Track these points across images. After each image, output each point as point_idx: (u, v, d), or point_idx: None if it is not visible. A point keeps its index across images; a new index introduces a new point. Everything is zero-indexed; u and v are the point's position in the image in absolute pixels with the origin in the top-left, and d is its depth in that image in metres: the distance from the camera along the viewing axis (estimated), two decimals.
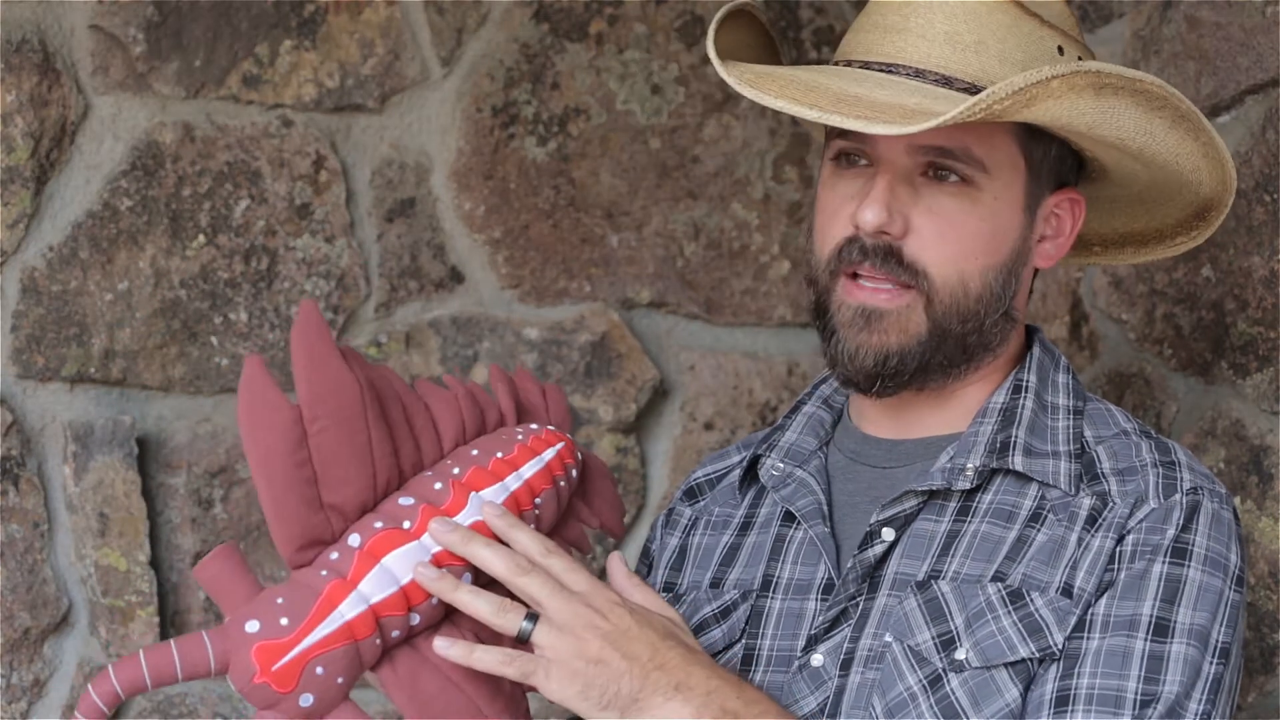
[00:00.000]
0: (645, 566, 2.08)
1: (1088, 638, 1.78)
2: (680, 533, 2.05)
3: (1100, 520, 1.82)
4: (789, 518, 1.94)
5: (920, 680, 1.79)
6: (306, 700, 1.69)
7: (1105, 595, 1.79)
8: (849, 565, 1.86)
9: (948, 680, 1.79)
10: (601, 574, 1.83)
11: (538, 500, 1.85)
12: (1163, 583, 1.79)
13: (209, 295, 2.51)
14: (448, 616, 1.78)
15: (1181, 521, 1.81)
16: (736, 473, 2.03)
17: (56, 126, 2.46)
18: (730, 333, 2.66)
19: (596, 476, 2.01)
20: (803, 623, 1.87)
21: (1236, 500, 2.17)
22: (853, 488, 1.93)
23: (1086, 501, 1.84)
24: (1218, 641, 1.79)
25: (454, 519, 1.76)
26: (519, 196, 2.60)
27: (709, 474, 2.08)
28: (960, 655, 1.79)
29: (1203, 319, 2.26)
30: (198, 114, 2.51)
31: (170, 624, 2.50)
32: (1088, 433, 1.90)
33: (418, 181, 2.59)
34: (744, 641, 1.90)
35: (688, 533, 2.04)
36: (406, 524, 1.74)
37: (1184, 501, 1.82)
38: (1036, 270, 1.95)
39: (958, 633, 1.80)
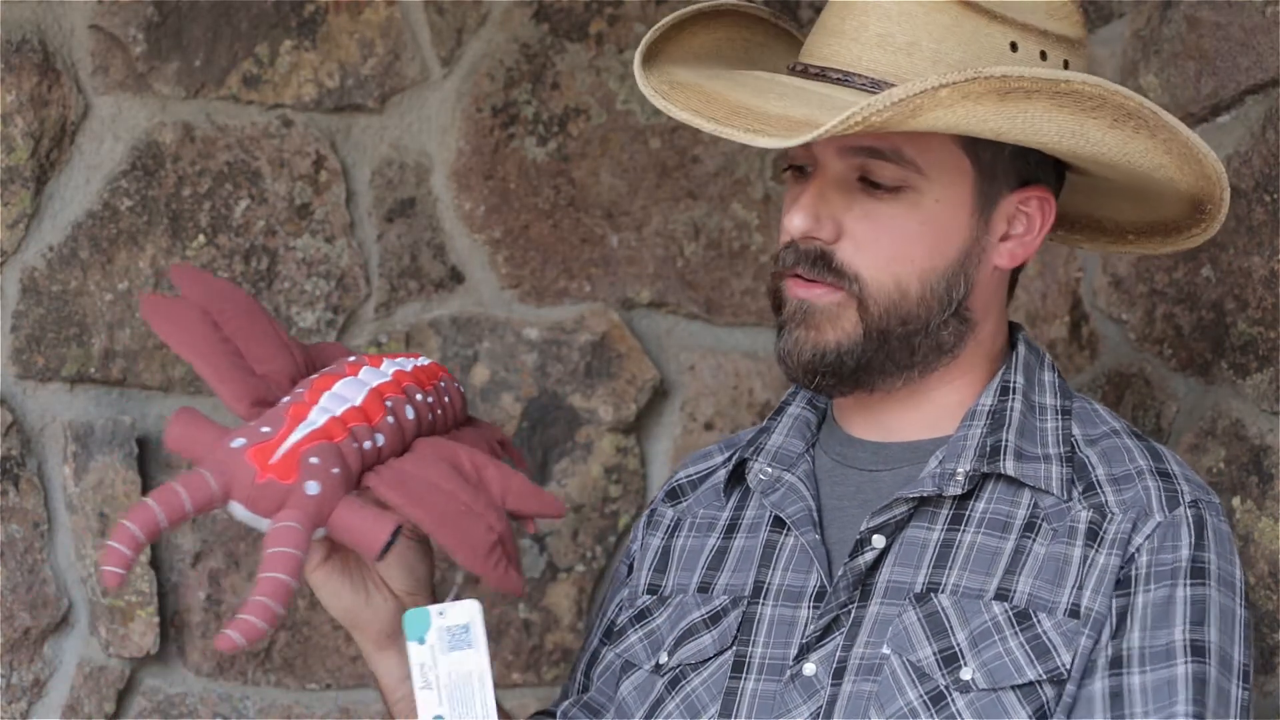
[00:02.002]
0: (626, 567, 2.07)
1: (1128, 673, 1.78)
2: (663, 534, 2.04)
3: (1101, 534, 1.82)
4: (778, 523, 1.93)
5: (921, 696, 1.79)
6: (313, 488, 1.76)
7: (1135, 627, 1.79)
8: (840, 573, 1.85)
9: (952, 700, 1.78)
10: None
11: (440, 384, 1.96)
12: (1189, 606, 1.79)
13: None
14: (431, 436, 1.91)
15: (1194, 540, 1.80)
16: (721, 474, 2.02)
17: (56, 126, 2.46)
18: (730, 333, 2.66)
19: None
20: (795, 631, 1.86)
21: (1235, 500, 2.17)
22: (841, 491, 1.92)
23: (1084, 514, 1.83)
24: (1240, 665, 1.79)
25: (378, 368, 1.90)
26: (519, 196, 2.60)
27: (691, 475, 2.07)
28: (966, 675, 1.78)
29: (1203, 319, 2.26)
30: (198, 114, 2.52)
31: (170, 624, 2.50)
32: (1076, 432, 1.89)
33: (418, 181, 2.59)
34: (735, 649, 1.89)
35: (670, 534, 2.03)
36: (339, 371, 1.89)
37: (1189, 516, 1.82)
38: (1019, 269, 1.94)
39: (960, 650, 1.79)
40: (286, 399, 1.85)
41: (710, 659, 1.90)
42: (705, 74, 1.90)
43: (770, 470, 1.95)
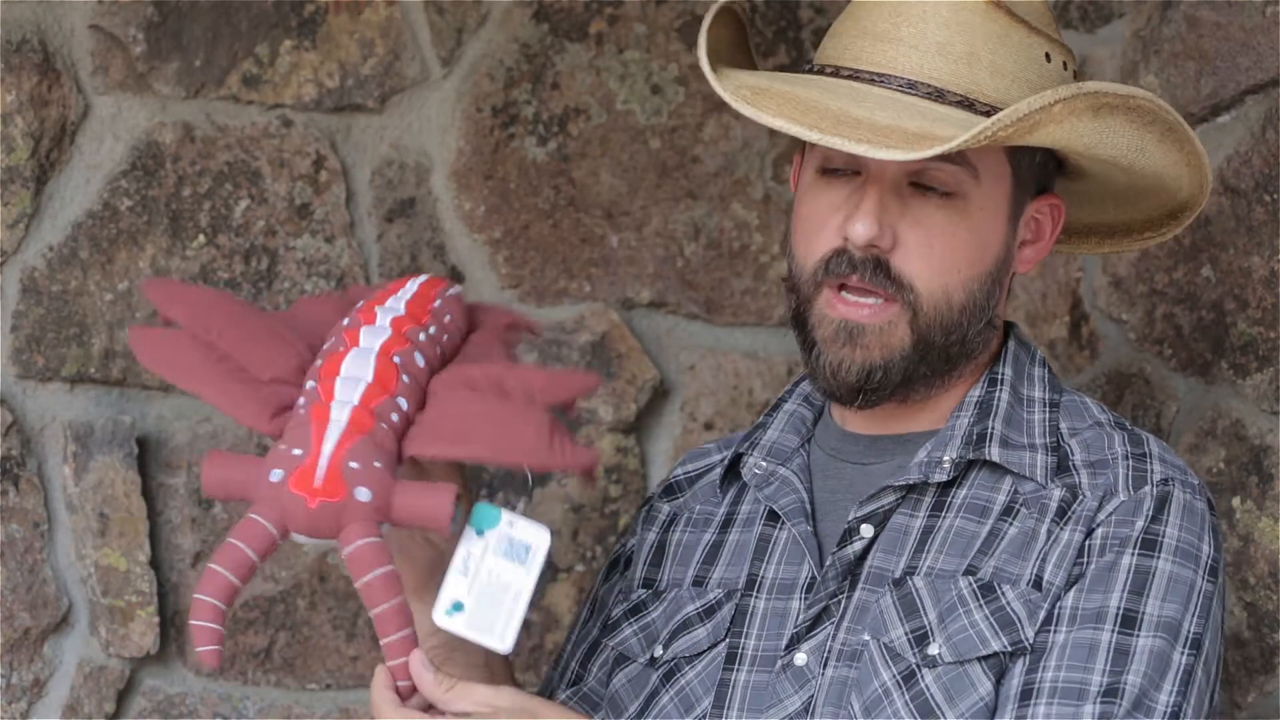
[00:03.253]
0: (624, 561, 2.08)
1: (1054, 631, 1.78)
2: (659, 528, 2.05)
3: (1070, 513, 1.83)
4: (772, 516, 1.94)
5: (894, 676, 1.80)
6: (364, 494, 1.73)
7: (1074, 588, 1.79)
8: (828, 563, 1.86)
9: (921, 676, 1.79)
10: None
11: (436, 305, 1.93)
12: (1131, 574, 1.79)
13: None
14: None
15: (1151, 512, 1.81)
16: (718, 470, 2.03)
17: (56, 126, 2.46)
18: (730, 333, 2.66)
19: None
20: (787, 622, 1.87)
21: (1235, 500, 2.17)
22: (834, 484, 1.93)
23: (1057, 493, 1.85)
24: (1189, 633, 1.79)
25: (374, 325, 1.86)
26: (519, 196, 2.60)
27: (688, 471, 2.08)
28: (933, 650, 1.79)
29: (1203, 319, 2.26)
30: (198, 114, 2.52)
31: (170, 624, 2.50)
32: (1063, 425, 1.91)
33: (418, 181, 2.59)
34: (728, 640, 1.90)
35: (666, 529, 2.04)
36: (340, 348, 1.83)
37: (1154, 492, 1.82)
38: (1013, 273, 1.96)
39: (930, 628, 1.81)
40: (301, 401, 1.81)
41: (704, 651, 1.91)
42: (765, 78, 1.90)
43: (765, 465, 1.96)
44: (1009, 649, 1.78)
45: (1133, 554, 1.79)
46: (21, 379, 2.46)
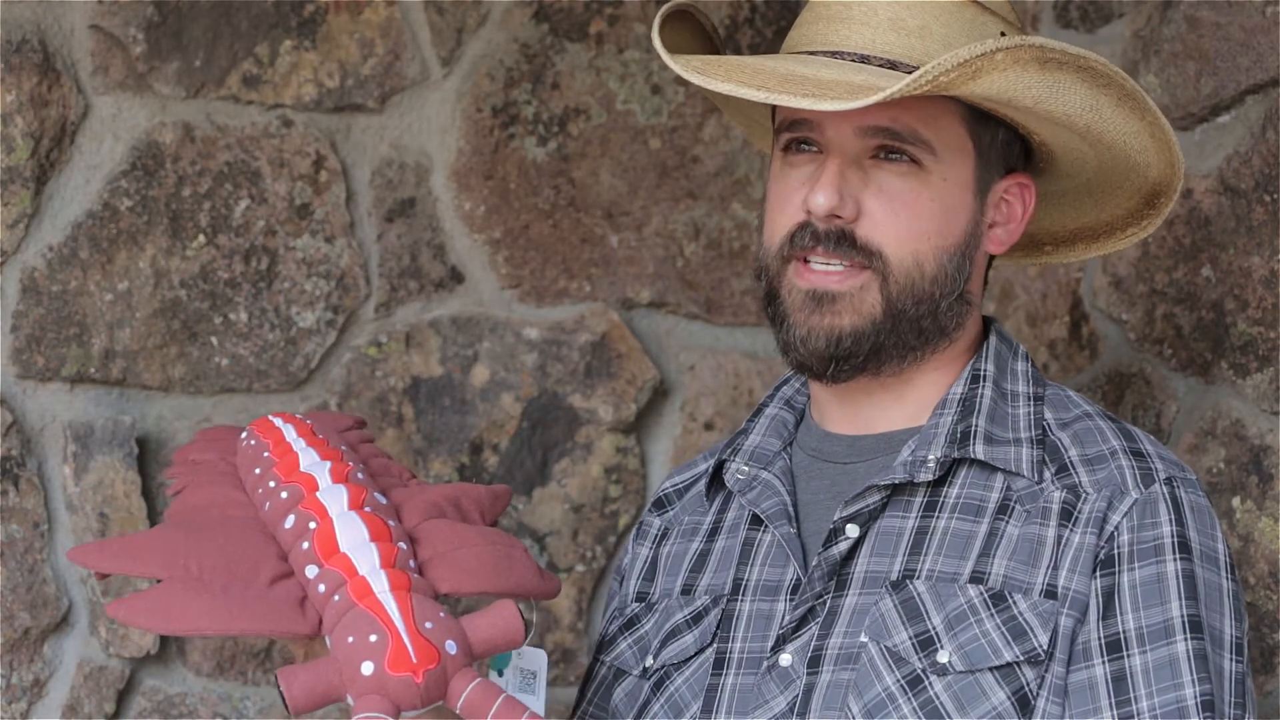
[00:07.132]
0: (618, 580, 2.09)
1: (1128, 655, 1.79)
2: (650, 543, 2.06)
3: (1076, 514, 1.83)
4: (756, 521, 1.94)
5: (899, 680, 1.80)
6: (452, 646, 1.76)
7: (1128, 608, 1.79)
8: (814, 563, 1.86)
9: (930, 683, 1.79)
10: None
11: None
12: (1180, 581, 1.80)
13: (209, 295, 2.51)
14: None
15: (1173, 517, 1.82)
16: (704, 480, 2.03)
17: (56, 126, 2.46)
18: (730, 333, 2.66)
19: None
20: (772, 624, 1.88)
21: (1235, 500, 2.18)
22: (816, 485, 1.93)
23: (1057, 495, 1.84)
24: (1231, 638, 1.80)
25: (331, 484, 1.88)
26: (519, 196, 2.60)
27: (677, 484, 2.09)
28: (943, 658, 1.79)
29: (1203, 319, 2.26)
30: (198, 114, 2.52)
31: None
32: (1049, 416, 1.91)
33: (418, 181, 2.59)
34: (715, 645, 1.90)
35: (658, 543, 2.05)
36: (313, 523, 1.84)
37: (1165, 492, 1.83)
38: (992, 258, 1.97)
39: (936, 633, 1.80)
40: (322, 588, 1.80)
41: (692, 657, 1.91)
42: (720, 56, 1.92)
43: (747, 469, 1.96)
44: (1021, 658, 1.78)
45: (1174, 560, 1.80)
46: (21, 379, 2.46)
